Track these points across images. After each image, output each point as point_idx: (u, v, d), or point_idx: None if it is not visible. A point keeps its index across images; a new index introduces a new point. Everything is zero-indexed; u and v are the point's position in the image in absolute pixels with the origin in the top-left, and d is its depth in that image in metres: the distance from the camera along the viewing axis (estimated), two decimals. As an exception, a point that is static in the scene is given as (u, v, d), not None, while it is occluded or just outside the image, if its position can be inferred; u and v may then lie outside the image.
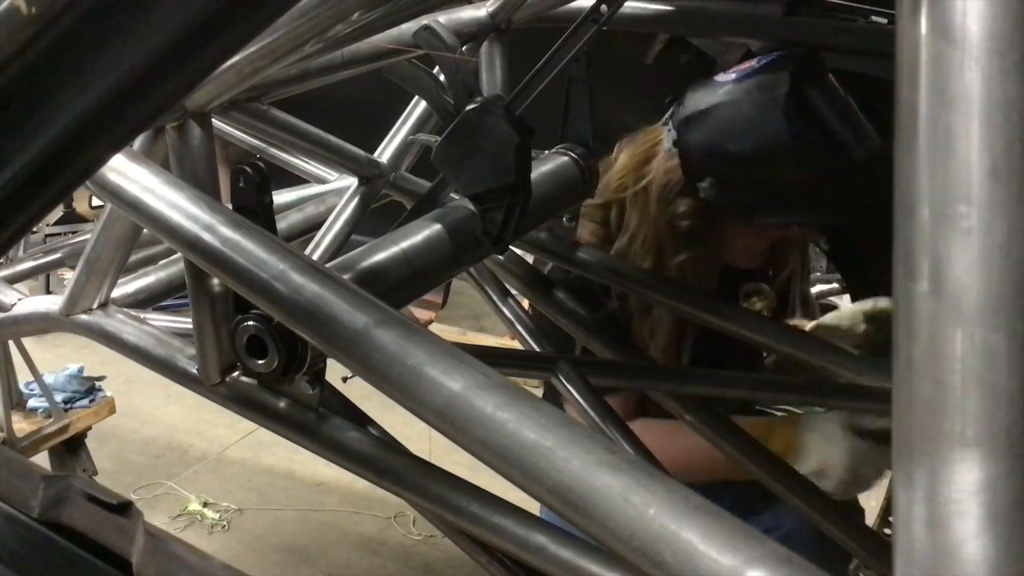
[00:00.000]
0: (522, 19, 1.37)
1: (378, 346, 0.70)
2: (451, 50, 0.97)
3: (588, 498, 0.56)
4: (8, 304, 1.16)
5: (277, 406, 0.90)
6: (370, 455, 0.87)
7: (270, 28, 0.73)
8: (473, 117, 0.97)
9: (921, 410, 0.37)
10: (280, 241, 0.81)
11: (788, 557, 0.50)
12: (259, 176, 0.86)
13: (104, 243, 1.02)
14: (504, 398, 0.64)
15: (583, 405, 1.26)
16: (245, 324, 0.86)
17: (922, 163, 0.37)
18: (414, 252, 0.97)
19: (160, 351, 0.99)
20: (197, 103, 0.88)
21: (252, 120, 1.23)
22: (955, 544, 0.36)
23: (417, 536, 3.49)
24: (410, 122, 1.42)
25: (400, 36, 1.16)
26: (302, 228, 1.46)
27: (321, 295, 0.74)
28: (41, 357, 3.13)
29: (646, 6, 1.43)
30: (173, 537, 0.65)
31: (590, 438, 0.60)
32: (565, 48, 1.11)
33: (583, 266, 1.38)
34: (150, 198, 0.83)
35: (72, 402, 3.19)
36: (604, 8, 1.10)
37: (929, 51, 0.36)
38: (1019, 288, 0.36)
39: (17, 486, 0.67)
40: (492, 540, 0.81)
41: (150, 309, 1.17)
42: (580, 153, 1.23)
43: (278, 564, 3.38)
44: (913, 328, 0.37)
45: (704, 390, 1.36)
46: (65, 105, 0.45)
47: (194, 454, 4.07)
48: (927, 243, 0.37)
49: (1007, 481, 0.36)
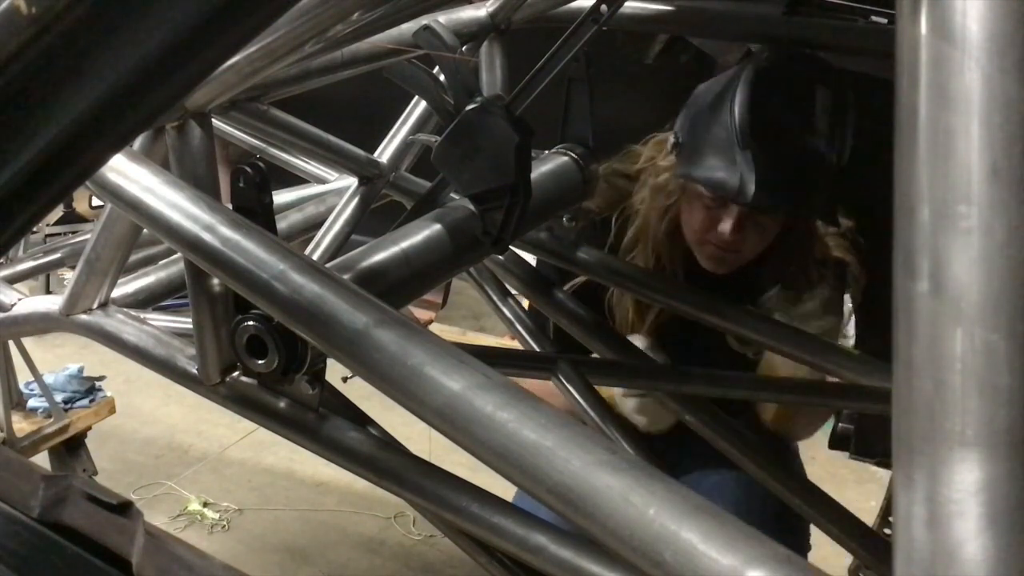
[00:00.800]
0: (522, 19, 1.37)
1: (378, 346, 0.70)
2: (451, 50, 0.97)
3: (588, 498, 0.56)
4: (8, 304, 1.16)
5: (277, 406, 0.90)
6: (370, 455, 0.87)
7: (270, 28, 0.73)
8: (473, 117, 0.97)
9: (921, 410, 0.37)
10: (280, 241, 0.81)
11: (788, 557, 0.50)
12: (259, 176, 0.86)
13: (104, 243, 1.02)
14: (504, 398, 0.64)
15: (583, 405, 1.26)
16: (245, 324, 0.86)
17: (922, 163, 0.37)
18: (414, 252, 0.97)
19: (160, 351, 0.99)
20: (197, 103, 0.88)
21: (252, 120, 1.23)
22: (955, 544, 0.36)
23: (417, 536, 3.49)
24: (410, 122, 1.42)
25: (400, 36, 1.16)
26: (302, 228, 1.46)
27: (321, 295, 0.74)
28: (41, 357, 3.13)
29: (646, 6, 1.43)
30: (173, 537, 0.65)
31: (590, 438, 0.60)
32: (565, 48, 1.11)
33: (583, 266, 1.38)
34: (150, 198, 0.83)
35: (72, 402, 3.19)
36: (604, 8, 1.10)
37: (929, 51, 0.36)
38: (1019, 288, 0.36)
39: (17, 486, 0.67)
40: (492, 540, 0.81)
41: (150, 309, 1.17)
42: (580, 153, 1.23)
43: (278, 564, 3.37)
44: (913, 328, 0.37)
45: (704, 390, 1.36)
46: (65, 105, 0.45)
47: (194, 454, 4.07)
48: (927, 243, 0.37)
49: (1007, 481, 0.36)
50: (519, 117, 0.99)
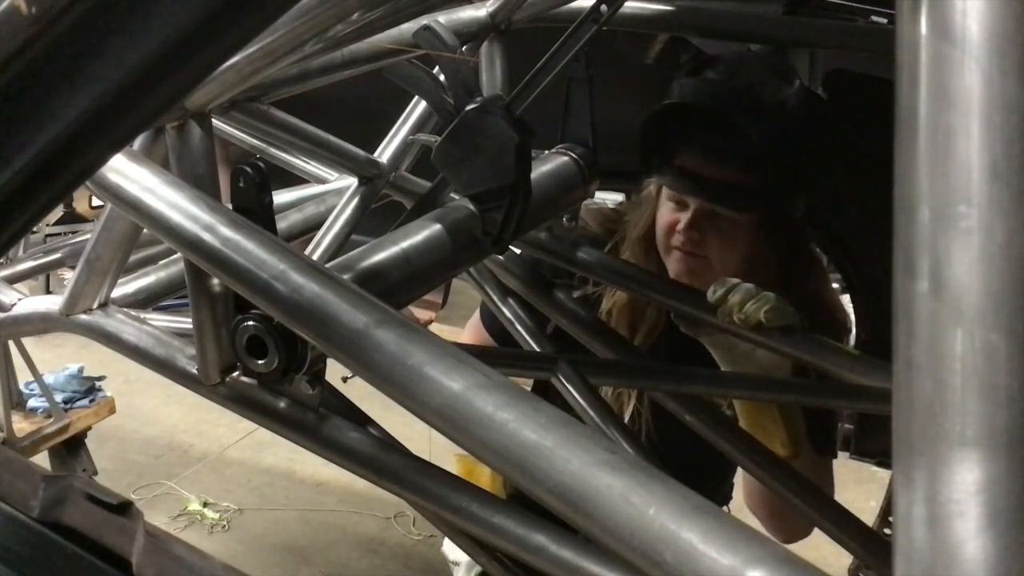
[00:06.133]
0: (522, 19, 1.38)
1: (378, 346, 0.70)
2: (451, 50, 0.97)
3: (588, 498, 0.56)
4: (8, 304, 1.16)
5: (277, 406, 0.90)
6: (370, 455, 0.87)
7: (270, 28, 0.73)
8: (473, 117, 0.97)
9: (921, 410, 0.37)
10: (280, 241, 0.81)
11: (788, 557, 0.50)
12: (259, 176, 0.86)
13: (104, 243, 1.02)
14: (504, 398, 0.64)
15: (583, 405, 1.26)
16: (245, 324, 0.86)
17: (922, 163, 0.37)
18: (414, 252, 0.97)
19: (160, 351, 0.99)
20: (197, 103, 0.88)
21: (252, 120, 1.23)
22: (955, 544, 0.36)
23: (417, 536, 3.49)
24: (410, 122, 1.42)
25: (400, 36, 1.16)
26: (302, 228, 1.46)
27: (321, 295, 0.74)
28: (41, 357, 3.13)
29: (646, 6, 1.43)
30: (173, 537, 0.65)
31: (590, 438, 0.61)
32: (565, 48, 1.11)
33: (583, 266, 1.38)
34: (150, 198, 0.83)
35: (72, 402, 3.20)
36: (604, 8, 1.10)
37: (929, 51, 0.36)
38: (1019, 288, 0.36)
39: (17, 486, 0.68)
40: (492, 540, 0.81)
41: (150, 309, 1.17)
42: (580, 153, 1.23)
43: (278, 564, 3.38)
44: (913, 328, 0.37)
45: (704, 390, 1.36)
46: (65, 105, 0.45)
47: (194, 454, 4.07)
48: (927, 243, 0.37)
49: (1007, 481, 0.36)
50: (519, 117, 0.99)
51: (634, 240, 1.54)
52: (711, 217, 1.43)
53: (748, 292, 1.22)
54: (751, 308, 1.20)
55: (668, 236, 1.47)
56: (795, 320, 1.23)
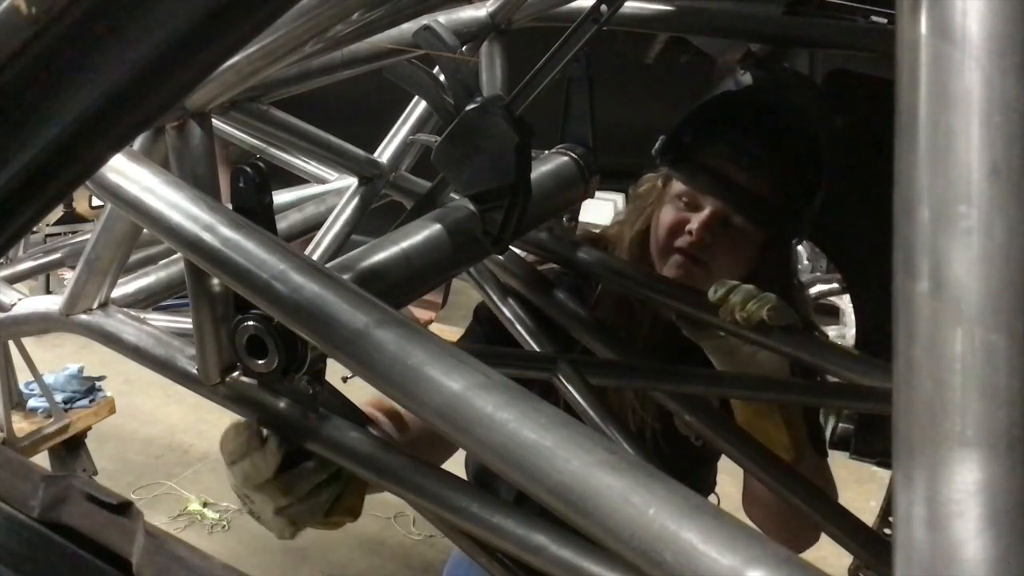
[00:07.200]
0: (522, 19, 1.38)
1: (378, 346, 0.70)
2: (451, 50, 0.97)
3: (588, 498, 0.56)
4: (8, 304, 1.16)
5: (277, 406, 0.90)
6: (370, 455, 0.87)
7: (270, 28, 0.73)
8: (473, 117, 0.97)
9: (921, 410, 0.37)
10: (280, 241, 0.81)
11: (788, 557, 0.50)
12: (259, 176, 0.86)
13: (104, 243, 1.02)
14: (504, 398, 0.64)
15: (583, 405, 1.26)
16: (245, 324, 0.86)
17: (922, 163, 0.37)
18: (414, 252, 0.97)
19: (160, 351, 0.99)
20: (197, 103, 0.88)
21: (252, 120, 1.23)
22: (955, 544, 0.36)
23: (417, 536, 3.49)
24: (410, 122, 1.42)
25: (400, 36, 1.16)
26: (302, 228, 1.46)
27: (321, 295, 0.74)
28: (41, 357, 3.13)
29: (646, 6, 1.43)
30: (173, 537, 0.65)
31: (590, 438, 0.61)
32: (565, 48, 1.11)
33: (583, 266, 1.38)
34: (150, 198, 0.83)
35: (72, 402, 3.20)
36: (604, 8, 1.10)
37: (929, 51, 0.36)
38: (1019, 288, 0.36)
39: (17, 486, 0.68)
40: (492, 540, 0.81)
41: (150, 309, 1.17)
42: (580, 153, 1.23)
43: (278, 564, 3.38)
44: (913, 328, 0.37)
45: (704, 390, 1.36)
46: (65, 105, 0.45)
47: (194, 454, 4.07)
48: (927, 243, 0.37)
49: (1007, 481, 0.36)
50: (519, 117, 0.98)
51: (630, 239, 1.49)
52: (723, 224, 1.38)
53: (749, 292, 1.21)
54: (753, 307, 1.20)
55: (671, 236, 1.41)
56: (796, 320, 1.23)
